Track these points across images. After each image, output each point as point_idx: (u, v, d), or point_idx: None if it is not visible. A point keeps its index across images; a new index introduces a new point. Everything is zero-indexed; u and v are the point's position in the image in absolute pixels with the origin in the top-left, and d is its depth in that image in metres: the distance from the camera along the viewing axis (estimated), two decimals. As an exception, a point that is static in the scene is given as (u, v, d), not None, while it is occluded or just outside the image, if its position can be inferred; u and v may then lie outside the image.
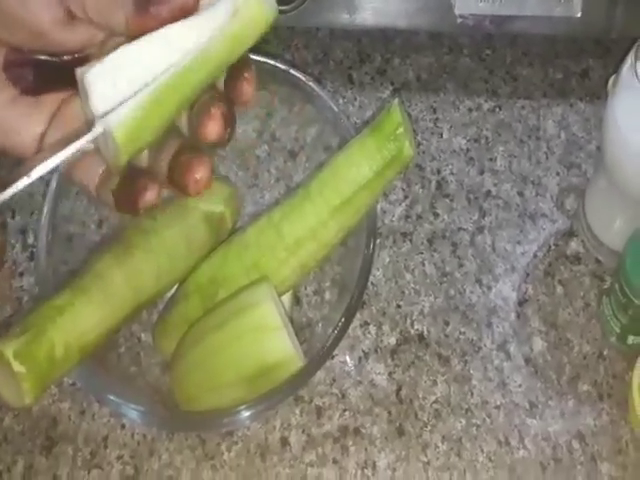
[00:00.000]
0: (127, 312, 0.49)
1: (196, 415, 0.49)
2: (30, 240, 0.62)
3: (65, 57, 0.39)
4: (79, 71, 0.37)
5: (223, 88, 0.40)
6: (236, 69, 0.39)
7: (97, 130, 0.36)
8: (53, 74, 0.39)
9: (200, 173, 0.38)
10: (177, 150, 0.39)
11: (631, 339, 0.55)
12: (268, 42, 0.68)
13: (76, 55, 0.39)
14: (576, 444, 0.54)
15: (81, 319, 0.47)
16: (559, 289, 0.59)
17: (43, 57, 0.39)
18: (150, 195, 0.38)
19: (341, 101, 0.67)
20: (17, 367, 0.43)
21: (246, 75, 0.40)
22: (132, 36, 0.36)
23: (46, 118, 0.39)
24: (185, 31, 0.37)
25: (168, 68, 0.36)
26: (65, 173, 0.40)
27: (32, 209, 0.63)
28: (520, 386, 0.56)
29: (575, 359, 0.57)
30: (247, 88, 0.40)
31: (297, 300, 0.58)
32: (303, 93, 0.56)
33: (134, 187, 0.38)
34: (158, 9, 0.36)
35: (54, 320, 0.46)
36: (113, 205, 0.39)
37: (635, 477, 0.53)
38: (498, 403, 0.56)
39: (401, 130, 0.49)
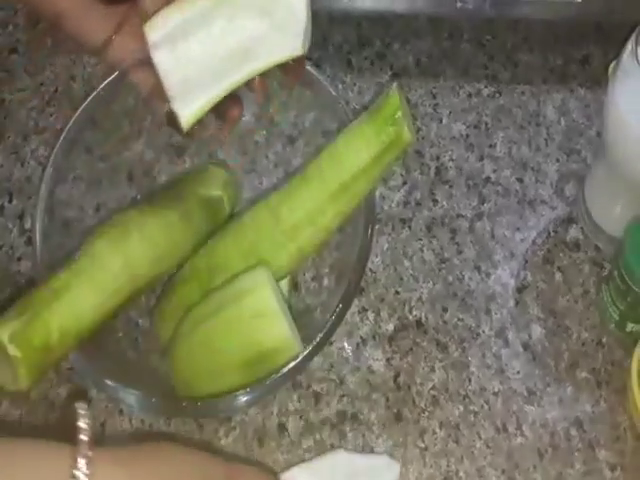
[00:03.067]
0: (124, 296, 0.49)
1: (194, 401, 0.49)
2: (27, 225, 0.62)
3: None
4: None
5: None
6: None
7: None
8: None
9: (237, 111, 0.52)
10: None
11: (630, 326, 0.55)
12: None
13: None
14: (574, 431, 0.54)
15: (77, 303, 0.46)
16: (558, 276, 0.59)
17: None
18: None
19: (340, 86, 0.66)
20: (12, 351, 0.43)
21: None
22: None
23: (114, 24, 0.49)
24: None
25: None
26: (122, 71, 0.53)
27: (29, 193, 0.63)
28: (518, 373, 0.56)
29: (573, 346, 0.57)
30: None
31: (295, 286, 0.58)
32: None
33: None
34: None
35: (50, 304, 0.45)
36: (164, 117, 0.50)
37: (633, 464, 0.53)
38: (496, 390, 0.56)
39: (399, 114, 0.49)
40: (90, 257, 0.48)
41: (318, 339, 0.49)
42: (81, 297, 0.47)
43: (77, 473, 0.36)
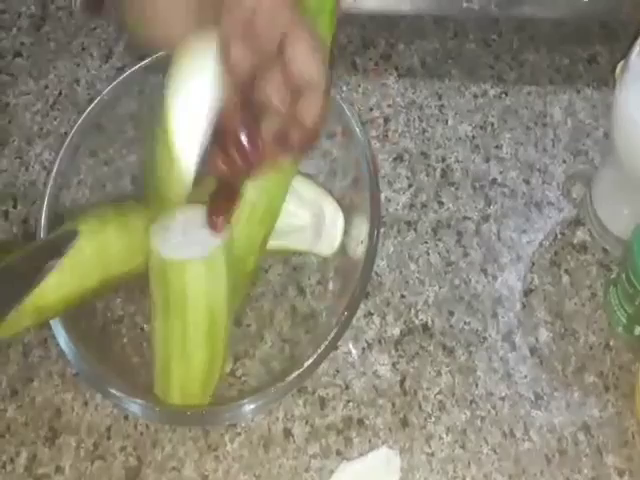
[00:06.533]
0: (95, 284, 0.49)
1: (198, 409, 0.49)
2: (32, 229, 0.62)
3: None
4: None
5: None
6: None
7: None
8: None
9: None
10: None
11: (638, 330, 0.55)
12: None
13: None
14: (581, 436, 0.54)
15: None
16: (565, 279, 0.59)
17: None
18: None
19: (345, 87, 0.66)
20: None
21: None
22: None
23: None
24: None
25: None
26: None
27: (34, 198, 0.63)
28: (525, 377, 0.56)
29: (581, 350, 0.56)
30: None
31: (301, 290, 0.57)
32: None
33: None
34: None
35: None
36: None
37: (641, 469, 0.53)
38: (503, 394, 0.55)
39: None
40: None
41: (324, 346, 0.48)
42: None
43: None
